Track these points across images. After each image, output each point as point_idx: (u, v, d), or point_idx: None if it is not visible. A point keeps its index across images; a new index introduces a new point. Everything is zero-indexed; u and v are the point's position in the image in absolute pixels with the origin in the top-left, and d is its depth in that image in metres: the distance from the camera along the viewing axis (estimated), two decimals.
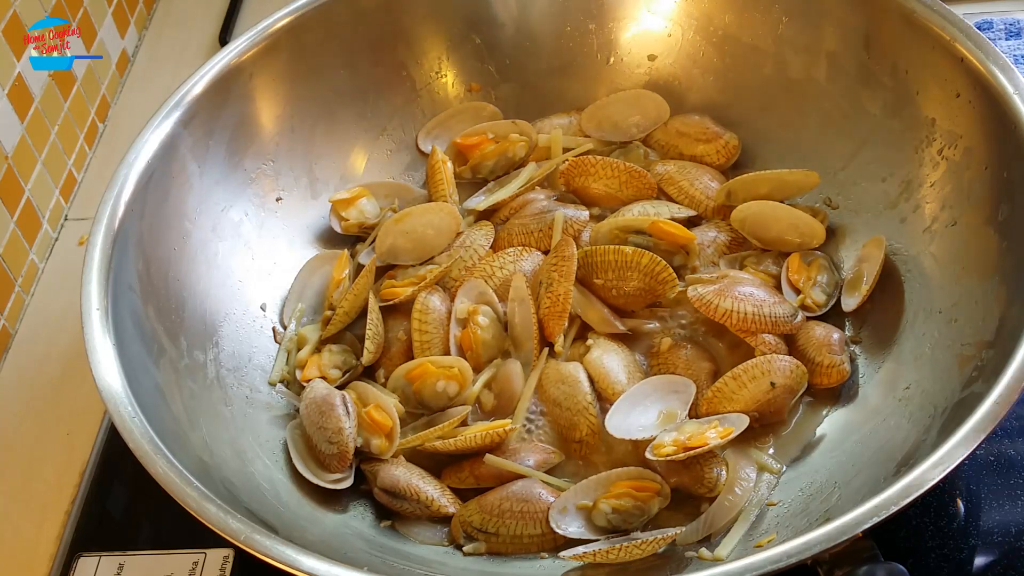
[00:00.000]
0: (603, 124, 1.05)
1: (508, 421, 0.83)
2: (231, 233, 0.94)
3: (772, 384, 0.81)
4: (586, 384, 0.84)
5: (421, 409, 0.86)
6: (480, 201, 0.99)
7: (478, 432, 0.81)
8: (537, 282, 0.90)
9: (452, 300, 0.90)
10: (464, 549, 0.78)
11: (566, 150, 1.03)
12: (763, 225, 0.93)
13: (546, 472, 0.81)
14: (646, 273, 0.87)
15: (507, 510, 0.78)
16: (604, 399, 0.84)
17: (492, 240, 0.96)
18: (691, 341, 0.88)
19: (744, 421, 0.79)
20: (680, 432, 0.79)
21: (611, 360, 0.85)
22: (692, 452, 0.77)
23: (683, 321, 0.89)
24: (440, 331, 0.89)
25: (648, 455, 0.78)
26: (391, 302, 0.91)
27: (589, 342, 0.87)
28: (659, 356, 0.87)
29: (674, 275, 0.88)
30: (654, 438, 0.79)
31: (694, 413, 0.82)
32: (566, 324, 0.87)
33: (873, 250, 0.88)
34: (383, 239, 0.95)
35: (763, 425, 0.82)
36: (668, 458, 0.77)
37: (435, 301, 0.90)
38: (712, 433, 0.78)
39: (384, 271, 0.96)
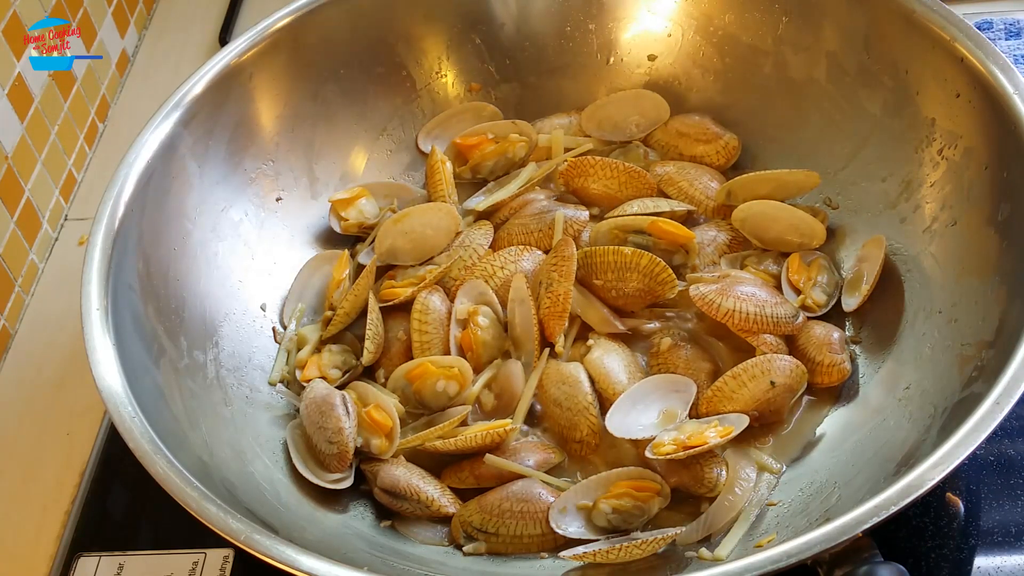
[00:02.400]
0: (603, 124, 1.05)
1: (508, 421, 0.83)
2: (231, 233, 0.94)
3: (772, 383, 0.81)
4: (587, 384, 0.84)
5: (421, 409, 0.86)
6: (480, 201, 0.99)
7: (478, 432, 0.81)
8: (537, 282, 0.90)
9: (452, 300, 0.90)
10: (464, 549, 0.78)
11: (567, 150, 1.03)
12: (763, 225, 0.92)
13: (546, 472, 0.81)
14: (645, 274, 0.87)
15: (507, 510, 0.78)
16: (605, 399, 0.84)
17: (491, 239, 0.96)
18: (691, 341, 0.88)
19: (744, 421, 0.79)
20: (680, 431, 0.79)
21: (612, 360, 0.85)
22: (691, 451, 0.77)
23: (683, 321, 0.89)
24: (440, 331, 0.89)
25: (648, 454, 0.78)
26: (391, 303, 0.91)
27: (590, 342, 0.87)
28: (659, 356, 0.87)
29: (673, 276, 0.87)
30: (654, 437, 0.79)
31: (694, 413, 0.82)
32: (566, 324, 0.87)
33: (873, 250, 0.88)
34: (382, 240, 0.95)
35: (763, 425, 0.82)
36: (667, 457, 0.77)
37: (435, 301, 0.90)
38: (712, 432, 0.78)
39: (384, 271, 0.96)
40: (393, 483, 0.79)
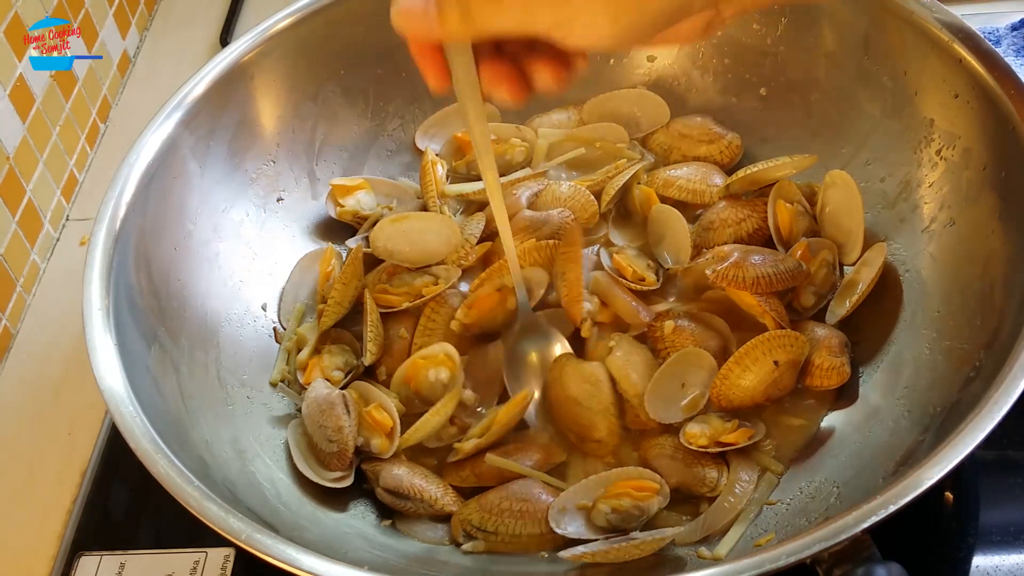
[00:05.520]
0: (605, 117, 1.05)
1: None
2: (232, 233, 0.94)
3: (776, 363, 0.81)
4: (609, 385, 0.84)
5: (424, 406, 0.86)
6: (460, 187, 1.00)
7: (504, 413, 0.81)
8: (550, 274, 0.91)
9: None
10: (463, 547, 0.78)
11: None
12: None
13: (547, 472, 0.82)
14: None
15: (506, 509, 0.78)
16: (625, 400, 0.84)
17: (482, 227, 0.95)
18: (692, 321, 0.88)
19: (762, 430, 0.81)
20: (707, 424, 0.81)
21: (634, 360, 0.85)
22: (724, 448, 0.79)
23: (680, 304, 0.90)
24: (446, 325, 0.89)
25: (682, 440, 0.80)
26: (392, 310, 0.91)
27: (612, 343, 0.87)
28: (664, 340, 0.86)
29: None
30: (684, 424, 0.81)
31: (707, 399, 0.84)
32: (586, 306, 0.87)
33: (873, 254, 0.88)
34: (380, 237, 0.94)
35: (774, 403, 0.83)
36: (703, 449, 0.79)
37: (453, 301, 0.90)
38: (735, 434, 0.80)
39: (377, 262, 0.95)
40: (396, 483, 0.80)
